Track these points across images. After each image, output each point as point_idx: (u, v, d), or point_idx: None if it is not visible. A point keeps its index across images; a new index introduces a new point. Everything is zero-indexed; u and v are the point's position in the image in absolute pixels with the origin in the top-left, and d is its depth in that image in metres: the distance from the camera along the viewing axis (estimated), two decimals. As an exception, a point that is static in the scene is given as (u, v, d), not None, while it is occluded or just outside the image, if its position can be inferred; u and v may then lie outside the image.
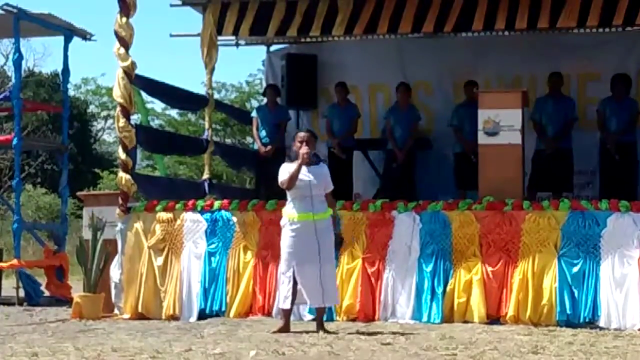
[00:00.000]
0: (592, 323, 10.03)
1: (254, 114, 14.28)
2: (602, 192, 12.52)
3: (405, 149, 13.52)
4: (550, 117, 12.87)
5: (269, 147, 13.69)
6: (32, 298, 13.54)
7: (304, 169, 9.45)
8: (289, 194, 9.56)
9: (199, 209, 11.34)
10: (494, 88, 13.27)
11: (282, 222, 9.64)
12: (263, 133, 13.88)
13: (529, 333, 9.44)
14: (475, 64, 14.31)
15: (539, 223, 10.35)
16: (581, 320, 10.07)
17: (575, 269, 10.18)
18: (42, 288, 13.98)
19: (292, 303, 9.58)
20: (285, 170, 9.54)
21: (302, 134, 9.72)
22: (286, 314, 9.60)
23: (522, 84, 13.62)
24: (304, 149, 9.47)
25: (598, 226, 10.19)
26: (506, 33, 13.66)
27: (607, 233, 10.16)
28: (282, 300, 9.59)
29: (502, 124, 10.86)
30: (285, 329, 9.45)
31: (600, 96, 13.07)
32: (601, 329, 9.88)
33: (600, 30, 13.48)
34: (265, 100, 14.42)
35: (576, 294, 10.13)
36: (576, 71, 14.03)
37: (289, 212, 9.54)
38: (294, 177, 9.41)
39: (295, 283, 9.46)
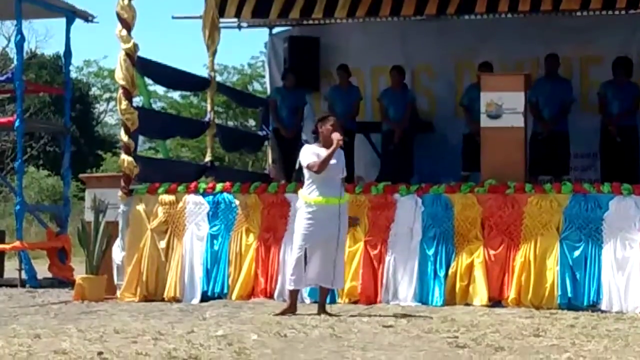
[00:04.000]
0: (593, 306, 10.04)
1: (272, 95, 14.48)
2: (603, 174, 12.51)
3: (401, 127, 13.51)
4: (547, 99, 12.80)
5: (291, 131, 13.93)
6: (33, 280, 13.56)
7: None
8: (311, 177, 9.44)
9: (201, 191, 11.34)
10: (497, 71, 13.22)
11: (297, 204, 9.61)
12: (283, 115, 14.06)
13: (530, 316, 9.46)
14: (478, 46, 14.26)
15: (541, 206, 10.35)
16: (583, 303, 10.08)
17: (577, 252, 10.18)
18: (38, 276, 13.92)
19: (301, 284, 9.60)
20: (310, 153, 9.45)
21: (332, 119, 9.63)
22: (293, 295, 9.62)
23: (524, 66, 13.57)
24: (337, 135, 9.37)
25: (600, 209, 10.19)
26: (509, 15, 13.63)
27: (609, 216, 10.17)
28: (292, 281, 9.58)
29: (505, 107, 10.84)
30: (291, 310, 9.47)
31: (602, 79, 13.03)
32: (603, 312, 9.89)
33: (603, 12, 13.44)
34: (282, 83, 14.53)
35: (578, 277, 10.14)
36: (578, 54, 14.00)
37: (311, 195, 9.42)
38: (326, 162, 9.32)
39: (304, 264, 9.44)
